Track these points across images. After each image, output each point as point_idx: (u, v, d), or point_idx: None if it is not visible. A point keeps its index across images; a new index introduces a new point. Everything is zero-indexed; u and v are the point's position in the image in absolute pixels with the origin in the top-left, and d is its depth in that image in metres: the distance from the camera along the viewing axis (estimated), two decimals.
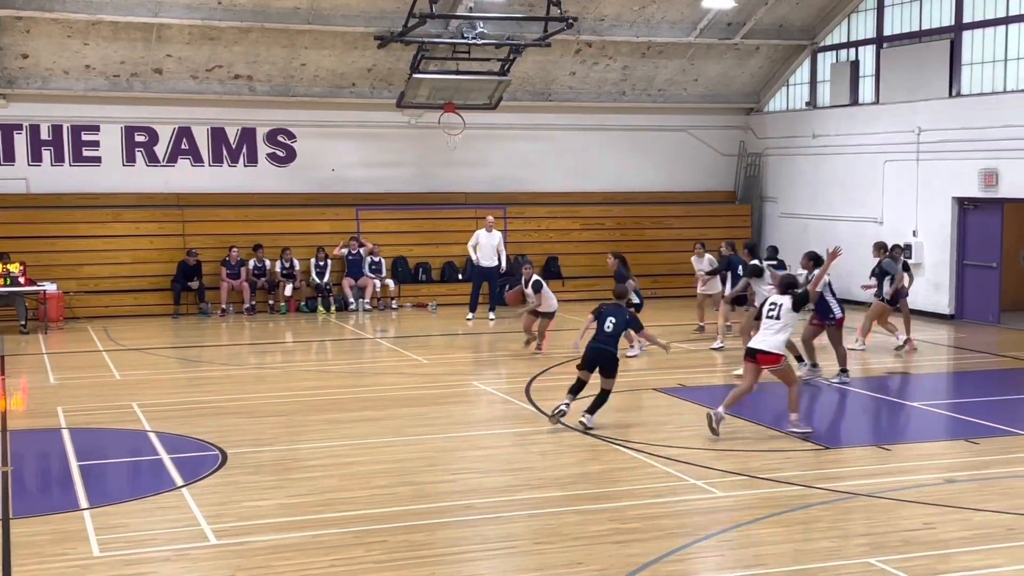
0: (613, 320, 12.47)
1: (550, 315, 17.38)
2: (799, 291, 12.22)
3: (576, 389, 12.42)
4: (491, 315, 21.53)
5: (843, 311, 14.81)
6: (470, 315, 21.43)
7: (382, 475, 10.50)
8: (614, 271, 17.89)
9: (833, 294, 14.89)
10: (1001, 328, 20.13)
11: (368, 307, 23.12)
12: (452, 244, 24.36)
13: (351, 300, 23.03)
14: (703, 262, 20.38)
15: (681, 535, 8.74)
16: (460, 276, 24.28)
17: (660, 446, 11.53)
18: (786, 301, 12.02)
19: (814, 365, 14.98)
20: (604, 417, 12.79)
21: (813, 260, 14.43)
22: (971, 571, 7.95)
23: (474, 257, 21.53)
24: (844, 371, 14.84)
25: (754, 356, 11.96)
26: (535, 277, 17.49)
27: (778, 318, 11.96)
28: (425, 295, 23.93)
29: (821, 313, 14.72)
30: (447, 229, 24.49)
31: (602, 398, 12.36)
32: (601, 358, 12.36)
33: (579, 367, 12.56)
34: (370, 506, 9.53)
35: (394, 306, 23.42)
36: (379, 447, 11.64)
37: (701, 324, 19.61)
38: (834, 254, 12.45)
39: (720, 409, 11.79)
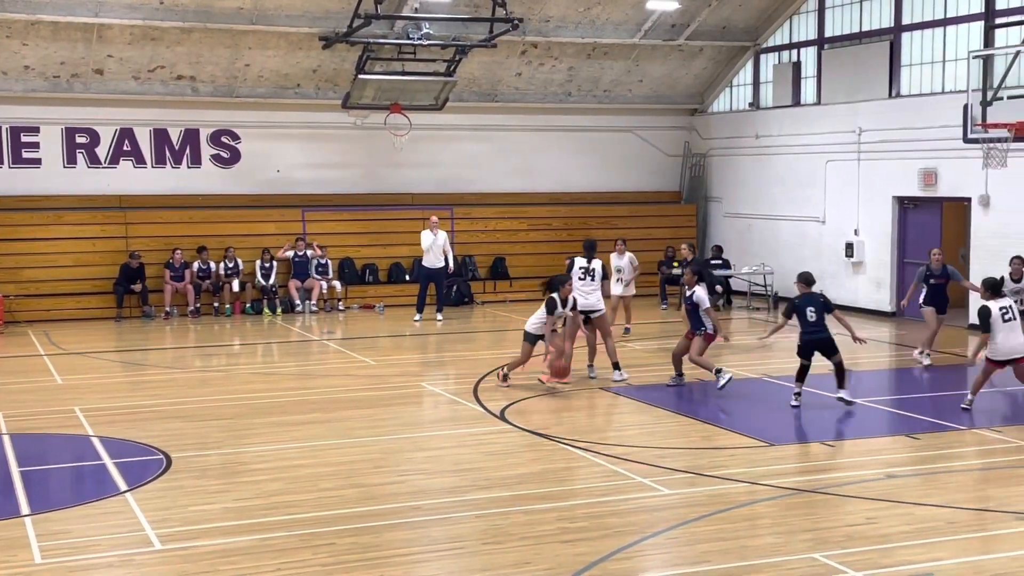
0: (813, 309, 13.44)
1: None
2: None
3: (802, 375, 13.47)
4: (439, 316, 21.53)
5: (715, 329, 14.56)
6: (417, 316, 21.42)
7: (329, 477, 10.46)
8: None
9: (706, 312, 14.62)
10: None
11: (315, 309, 22.99)
12: (399, 245, 24.32)
13: (297, 302, 22.89)
14: (623, 260, 19.75)
15: (628, 533, 8.79)
16: (407, 277, 24.25)
17: (607, 445, 11.59)
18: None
19: (680, 375, 14.84)
20: (550, 417, 12.84)
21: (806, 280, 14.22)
22: (913, 565, 8.08)
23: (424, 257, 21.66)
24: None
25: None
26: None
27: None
28: (372, 296, 23.85)
29: (694, 327, 14.57)
30: (394, 230, 24.43)
31: (841, 370, 13.47)
32: (820, 344, 13.42)
33: (799, 355, 13.55)
34: (317, 509, 9.48)
35: (341, 308, 23.31)
36: (326, 449, 11.59)
37: (628, 326, 19.57)
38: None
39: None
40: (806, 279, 14.00)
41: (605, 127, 26.57)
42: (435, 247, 21.40)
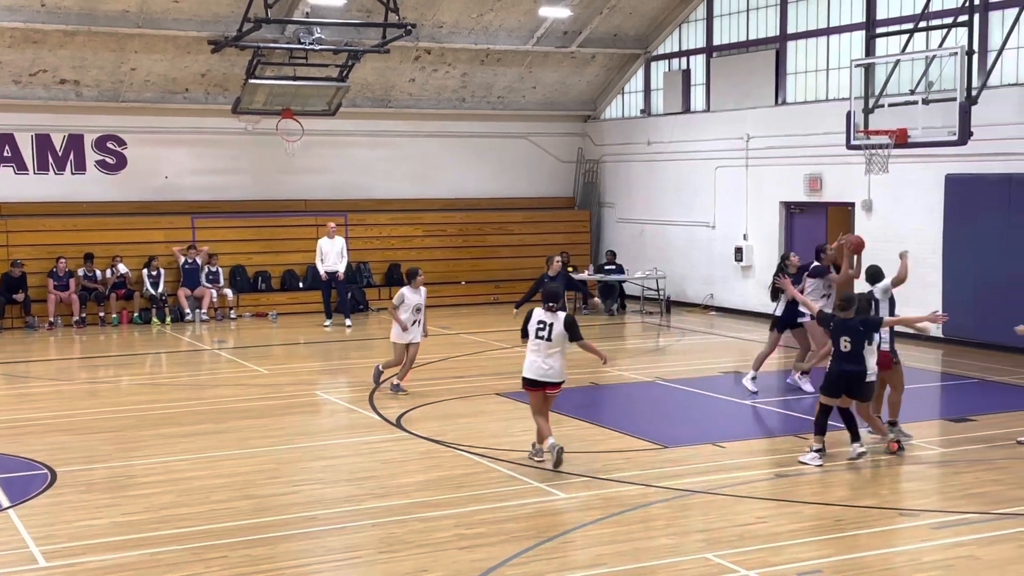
0: (848, 339, 11.04)
1: None
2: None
3: (821, 422, 11.22)
4: (348, 322, 21.50)
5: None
6: (327, 322, 21.41)
7: (221, 489, 10.27)
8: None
9: None
10: None
11: (205, 317, 22.57)
12: (292, 252, 24.05)
13: (187, 311, 22.44)
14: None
15: (525, 538, 8.82)
16: (301, 285, 23.99)
17: (503, 450, 11.61)
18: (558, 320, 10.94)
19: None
20: (446, 423, 12.83)
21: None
22: (802, 562, 8.26)
23: (320, 266, 21.57)
24: None
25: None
26: None
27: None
28: (265, 304, 23.52)
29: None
30: (287, 237, 24.16)
31: (851, 419, 11.18)
32: (850, 379, 11.07)
33: (823, 391, 11.35)
34: (209, 521, 9.30)
35: (232, 316, 22.94)
36: (218, 461, 11.38)
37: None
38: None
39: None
40: (844, 303, 11.31)
41: (499, 133, 26.66)
42: (332, 253, 21.48)
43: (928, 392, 14.97)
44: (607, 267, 24.16)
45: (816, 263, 14.59)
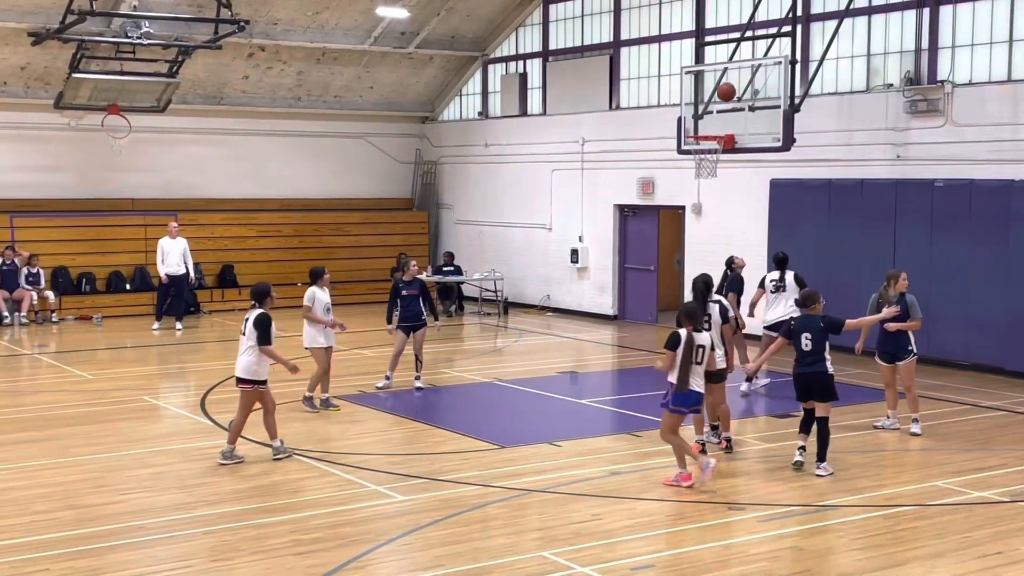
0: (808, 336, 10.77)
1: None
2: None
3: (805, 423, 10.91)
4: (178, 325, 20.90)
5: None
6: (156, 325, 20.78)
7: (43, 500, 9.83)
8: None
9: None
10: (659, 327, 21.49)
11: (25, 321, 21.58)
12: (119, 253, 23.26)
13: (5, 314, 21.42)
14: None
15: (362, 542, 8.73)
16: (128, 286, 23.21)
17: (340, 454, 11.48)
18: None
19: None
20: (282, 428, 12.58)
21: None
22: (635, 557, 8.43)
23: (160, 267, 20.89)
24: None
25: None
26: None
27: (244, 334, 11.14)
28: (89, 307, 22.64)
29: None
30: (114, 237, 23.33)
31: (823, 434, 10.68)
32: (812, 380, 10.75)
33: (797, 396, 11.00)
34: (30, 533, 8.89)
35: (55, 319, 22.01)
36: (40, 470, 10.89)
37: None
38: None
39: None
40: (804, 299, 11.28)
41: (336, 133, 26.38)
42: (174, 254, 20.83)
43: (753, 392, 15.46)
44: (445, 268, 24.18)
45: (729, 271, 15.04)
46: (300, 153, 26.02)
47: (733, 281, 15.22)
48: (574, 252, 23.22)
